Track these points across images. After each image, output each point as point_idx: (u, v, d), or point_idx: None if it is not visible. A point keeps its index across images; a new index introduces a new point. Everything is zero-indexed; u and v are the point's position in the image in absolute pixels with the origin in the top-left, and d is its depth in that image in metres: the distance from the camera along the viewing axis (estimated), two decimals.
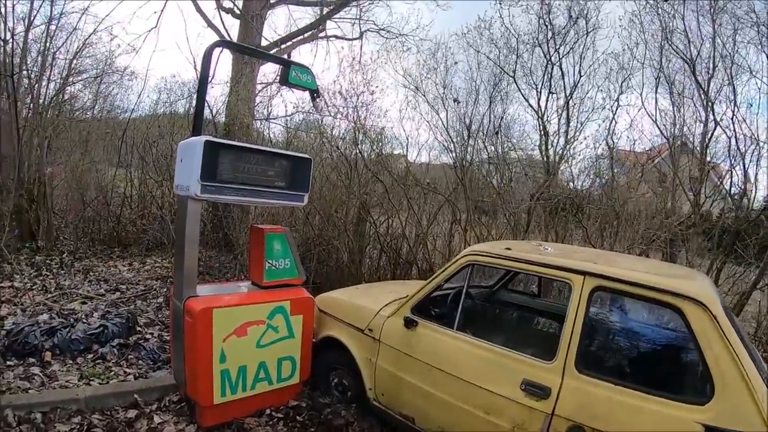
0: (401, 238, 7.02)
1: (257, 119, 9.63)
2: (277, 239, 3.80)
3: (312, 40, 11.59)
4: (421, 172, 8.11)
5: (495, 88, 7.08)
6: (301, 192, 3.76)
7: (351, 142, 7.16)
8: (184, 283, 3.42)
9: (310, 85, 3.81)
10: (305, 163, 3.76)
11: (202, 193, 3.20)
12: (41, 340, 4.58)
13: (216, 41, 3.51)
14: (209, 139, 3.16)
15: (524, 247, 3.52)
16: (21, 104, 8.02)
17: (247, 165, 3.42)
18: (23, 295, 6.10)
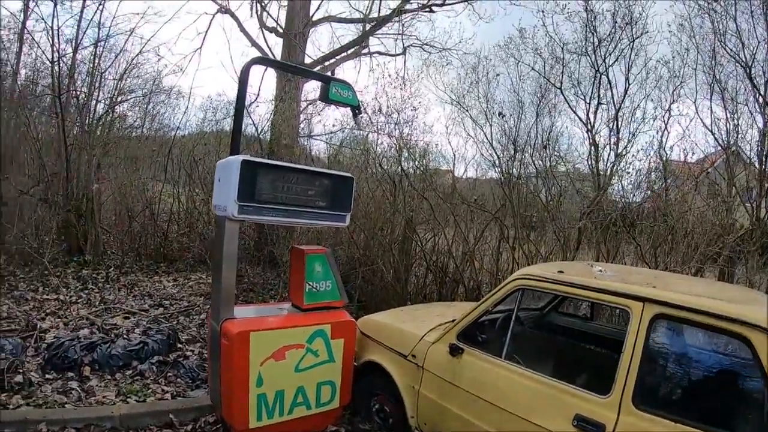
0: (447, 256, 6.86)
1: (302, 137, 9.68)
2: (318, 261, 3.72)
3: (355, 56, 11.64)
4: (468, 188, 7.95)
5: (542, 100, 6.87)
6: (343, 212, 3.67)
7: (395, 159, 7.08)
8: (221, 304, 3.38)
9: (351, 101, 3.74)
10: (347, 182, 3.67)
11: (240, 213, 3.15)
12: (81, 355, 4.63)
13: (253, 58, 3.48)
14: (246, 159, 3.12)
15: (577, 269, 3.32)
16: (71, 123, 8.28)
17: (286, 184, 3.35)
18: (68, 308, 6.23)
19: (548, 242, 6.64)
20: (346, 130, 8.82)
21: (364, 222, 7.18)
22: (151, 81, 11.53)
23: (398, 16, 10.71)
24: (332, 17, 11.16)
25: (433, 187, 6.97)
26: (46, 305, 6.26)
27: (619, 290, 2.72)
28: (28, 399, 4.03)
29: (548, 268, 3.24)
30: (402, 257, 6.93)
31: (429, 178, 7.11)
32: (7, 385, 4.12)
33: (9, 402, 3.95)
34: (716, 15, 6.26)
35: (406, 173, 6.92)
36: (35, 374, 4.42)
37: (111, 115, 10.09)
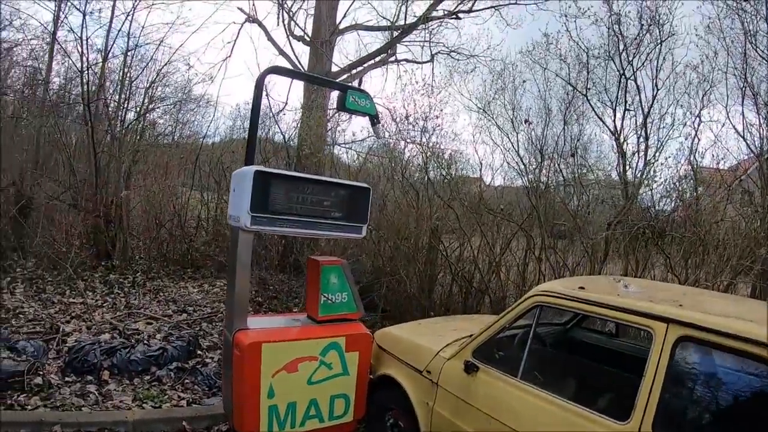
0: (473, 266, 6.77)
1: (329, 145, 9.69)
2: (334, 272, 3.68)
3: (383, 64, 11.63)
4: (495, 196, 7.83)
5: (569, 107, 6.72)
6: (359, 223, 3.62)
7: (420, 167, 7.03)
8: (235, 315, 3.36)
9: (368, 111, 3.69)
10: (364, 192, 3.63)
11: (252, 224, 3.13)
12: (100, 359, 4.70)
13: (268, 68, 3.47)
14: (259, 170, 3.10)
15: (601, 285, 3.20)
16: (101, 130, 8.45)
17: (301, 195, 3.32)
18: (93, 312, 6.34)
19: (576, 253, 6.50)
20: (373, 138, 8.77)
21: (390, 230, 7.13)
22: (181, 89, 11.73)
23: (424, 24, 10.66)
24: (359, 25, 11.19)
25: (459, 196, 6.86)
26: (71, 308, 6.38)
27: (641, 310, 2.59)
28: (46, 401, 4.11)
29: (569, 284, 3.12)
30: (427, 267, 6.86)
31: (455, 187, 7.00)
32: (26, 387, 4.22)
33: (27, 403, 4.04)
34: (746, 15, 6.02)
35: (432, 182, 6.84)
36: (55, 377, 4.51)
37: (141, 123, 10.28)
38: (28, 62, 10.12)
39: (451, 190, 6.97)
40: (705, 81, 6.01)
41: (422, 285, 6.66)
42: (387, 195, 7.87)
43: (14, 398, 4.08)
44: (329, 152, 9.62)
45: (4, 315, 5.89)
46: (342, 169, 9.59)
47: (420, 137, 7.00)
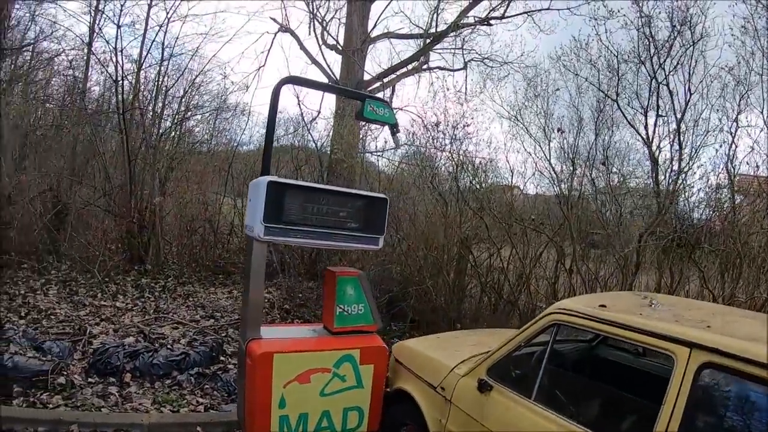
0: (503, 277, 6.66)
1: (362, 153, 9.68)
2: (351, 283, 3.64)
3: (415, 72, 11.58)
4: (527, 205, 7.69)
5: (600, 114, 6.52)
6: (376, 234, 3.58)
7: (452, 175, 6.95)
8: (248, 324, 3.36)
9: (387, 120, 3.65)
10: (381, 203, 3.59)
11: (266, 235, 3.13)
12: (123, 362, 4.80)
13: (283, 78, 3.47)
14: (273, 180, 3.10)
15: (625, 303, 3.06)
16: (136, 138, 8.66)
17: (316, 206, 3.31)
18: (122, 315, 6.46)
19: (608, 264, 6.32)
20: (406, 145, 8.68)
21: (419, 240, 7.06)
22: (217, 98, 11.93)
23: (455, 31, 10.57)
24: (391, 33, 11.18)
25: (490, 206, 6.75)
26: (101, 311, 6.52)
27: (662, 332, 2.45)
28: (68, 400, 4.22)
29: (590, 302, 2.99)
30: (456, 277, 6.76)
31: (486, 196, 6.89)
32: (50, 386, 4.34)
33: (49, 401, 4.15)
34: None
35: (461, 191, 6.75)
36: (78, 377, 4.62)
37: (178, 131, 10.49)
38: (69, 71, 10.42)
39: (481, 199, 6.84)
40: (741, 84, 5.70)
41: (451, 295, 6.56)
42: (417, 204, 7.79)
43: (37, 396, 4.20)
44: (360, 160, 9.58)
45: (36, 315, 6.06)
46: (373, 177, 9.55)
47: (451, 145, 6.91)
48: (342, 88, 5.56)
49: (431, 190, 7.11)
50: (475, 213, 6.71)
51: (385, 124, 3.74)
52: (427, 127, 7.14)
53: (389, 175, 9.46)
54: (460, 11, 10.61)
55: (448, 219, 6.77)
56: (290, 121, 11.22)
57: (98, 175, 8.87)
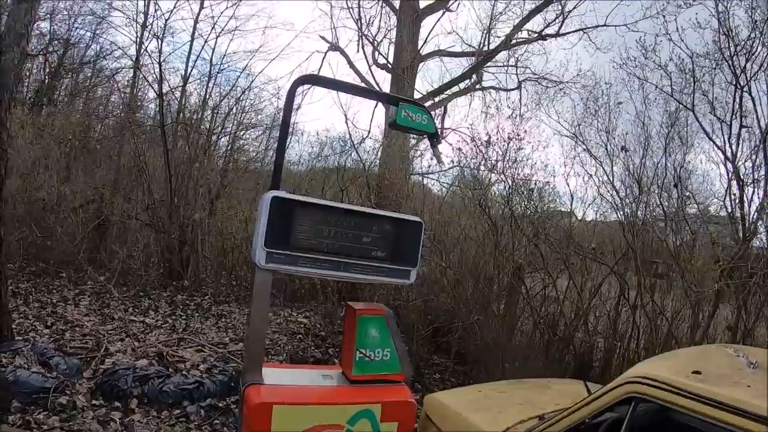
0: (558, 312, 5.81)
1: (413, 174, 8.92)
2: (374, 324, 2.85)
3: (468, 92, 10.82)
4: (586, 232, 6.72)
5: (671, 128, 5.53)
6: (407, 266, 2.77)
7: (504, 199, 6.11)
8: (247, 365, 2.63)
9: (426, 128, 2.87)
10: (414, 228, 2.78)
11: (267, 262, 2.42)
12: (131, 386, 4.27)
13: (299, 77, 2.76)
14: (278, 195, 2.39)
15: (717, 365, 2.22)
16: (180, 153, 8.25)
17: (333, 228, 2.57)
18: (149, 332, 5.96)
19: (676, 298, 5.38)
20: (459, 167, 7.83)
21: (466, 269, 6.28)
22: (268, 117, 11.55)
23: (507, 48, 9.80)
24: (441, 51, 10.54)
25: (546, 233, 5.89)
26: (129, 327, 6.00)
27: None
28: (65, 423, 3.76)
29: (677, 367, 2.18)
30: (507, 311, 5.89)
31: (542, 223, 6.04)
32: (50, 405, 3.87)
33: (45, 422, 3.70)
34: None
35: (515, 216, 5.89)
36: (82, 398, 4.13)
37: (229, 148, 10.11)
38: (126, 88, 10.24)
39: (537, 225, 5.98)
40: None
41: (500, 330, 5.68)
42: (468, 230, 6.91)
43: (33, 415, 3.75)
44: (408, 181, 8.77)
45: (62, 326, 5.64)
46: (422, 200, 8.74)
47: (503, 164, 6.07)
48: (368, 88, 4.73)
49: (481, 214, 6.25)
50: (530, 240, 5.83)
51: (423, 134, 2.95)
52: (478, 146, 6.32)
53: (440, 198, 8.65)
54: (513, 26, 9.82)
55: (500, 246, 5.90)
56: (338, 139, 10.71)
57: (142, 189, 8.48)
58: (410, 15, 9.73)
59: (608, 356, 5.53)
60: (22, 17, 4.18)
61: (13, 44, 4.14)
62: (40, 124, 8.47)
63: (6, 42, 4.16)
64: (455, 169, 7.98)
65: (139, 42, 8.48)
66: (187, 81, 8.13)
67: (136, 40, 8.56)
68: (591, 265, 5.89)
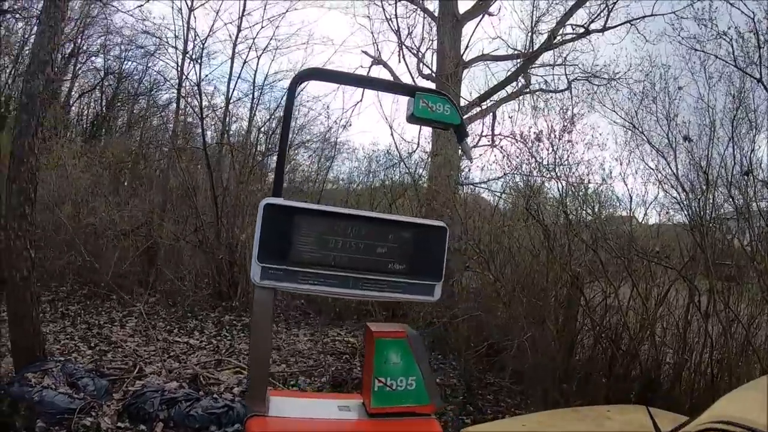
0: (621, 323, 5.14)
1: (462, 184, 8.39)
2: (395, 348, 2.38)
3: (516, 96, 10.23)
4: (648, 236, 5.98)
5: (738, 109, 4.81)
6: (431, 280, 2.29)
7: (558, 203, 5.55)
8: (250, 393, 2.21)
9: (448, 119, 2.40)
10: (437, 234, 2.31)
11: (263, 279, 2.02)
12: (157, 409, 4.02)
13: (301, 71, 2.38)
14: (271, 202, 2.00)
15: None
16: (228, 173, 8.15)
17: (341, 239, 2.15)
18: (192, 353, 5.78)
19: (752, 303, 4.69)
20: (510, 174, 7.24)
21: (518, 282, 5.76)
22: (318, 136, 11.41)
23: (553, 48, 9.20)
24: (486, 56, 10.03)
25: (605, 237, 5.27)
26: (172, 347, 5.85)
27: None
28: None
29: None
30: (565, 325, 5.28)
31: (601, 227, 5.43)
32: (73, 427, 3.73)
33: None
34: None
35: (571, 221, 5.32)
36: (108, 420, 3.95)
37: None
38: (181, 117, 10.34)
39: (594, 231, 5.40)
40: None
41: (558, 347, 5.08)
42: (521, 239, 6.29)
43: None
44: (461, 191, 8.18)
45: (105, 347, 5.57)
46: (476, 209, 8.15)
47: (556, 166, 5.51)
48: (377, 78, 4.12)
49: (533, 220, 5.67)
50: (588, 246, 5.23)
51: (447, 126, 2.49)
52: (528, 146, 5.77)
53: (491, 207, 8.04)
54: (556, 22, 9.24)
55: (554, 254, 5.31)
56: (385, 153, 10.38)
57: (191, 211, 8.43)
58: (450, 21, 9.38)
59: (677, 371, 4.84)
60: (45, 45, 4.13)
61: (38, 71, 4.10)
62: (93, 153, 8.62)
63: (31, 70, 4.19)
64: (505, 178, 7.39)
65: (181, 68, 8.52)
66: (230, 102, 8.06)
67: (177, 66, 8.62)
68: (656, 270, 5.21)
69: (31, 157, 4.08)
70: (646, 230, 6.13)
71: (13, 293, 4.16)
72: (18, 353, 4.25)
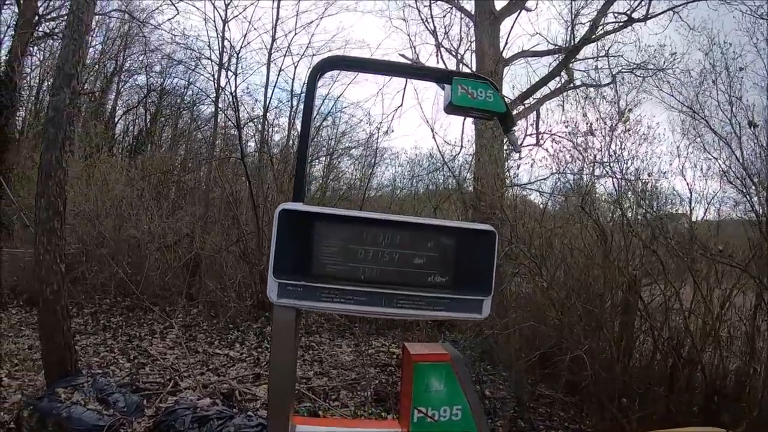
0: (684, 328, 4.51)
1: (512, 185, 7.85)
2: (437, 373, 2.01)
3: (560, 92, 9.66)
4: (709, 234, 5.32)
5: None
6: (479, 294, 1.89)
7: (614, 201, 5.03)
8: (271, 424, 1.89)
9: (492, 107, 2.00)
10: (484, 240, 1.91)
11: (281, 297, 1.69)
12: (188, 428, 3.71)
13: (323, 59, 2.01)
14: (288, 208, 1.67)
15: None
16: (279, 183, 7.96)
17: (371, 248, 1.79)
18: (231, 366, 5.50)
19: None
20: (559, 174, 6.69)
21: (571, 287, 5.21)
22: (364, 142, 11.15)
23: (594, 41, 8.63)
24: (526, 52, 9.48)
25: (665, 235, 4.68)
26: (212, 360, 5.60)
27: None
28: None
29: None
30: (621, 332, 4.71)
31: (661, 225, 4.84)
32: None
33: None
34: None
35: (629, 220, 4.80)
36: None
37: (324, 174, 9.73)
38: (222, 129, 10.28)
39: (654, 227, 4.82)
40: None
41: (615, 355, 4.52)
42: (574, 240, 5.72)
43: None
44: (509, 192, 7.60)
45: (143, 360, 5.37)
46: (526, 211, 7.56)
47: (611, 165, 5.00)
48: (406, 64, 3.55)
49: (586, 219, 5.13)
50: (646, 245, 4.68)
51: (490, 115, 2.09)
52: (579, 140, 5.28)
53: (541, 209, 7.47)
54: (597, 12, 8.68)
55: (611, 256, 4.77)
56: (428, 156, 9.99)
57: (232, 222, 8.27)
58: (487, 18, 8.91)
59: (744, 380, 4.21)
60: (70, 58, 3.98)
61: (63, 85, 3.95)
62: (136, 167, 8.61)
63: (56, 84, 4.03)
64: (554, 177, 6.83)
65: (217, 80, 8.42)
66: (267, 111, 7.90)
67: (214, 79, 8.52)
68: (719, 270, 4.49)
69: (59, 171, 3.92)
70: (706, 227, 5.49)
71: (44, 308, 4.00)
72: (49, 367, 4.08)
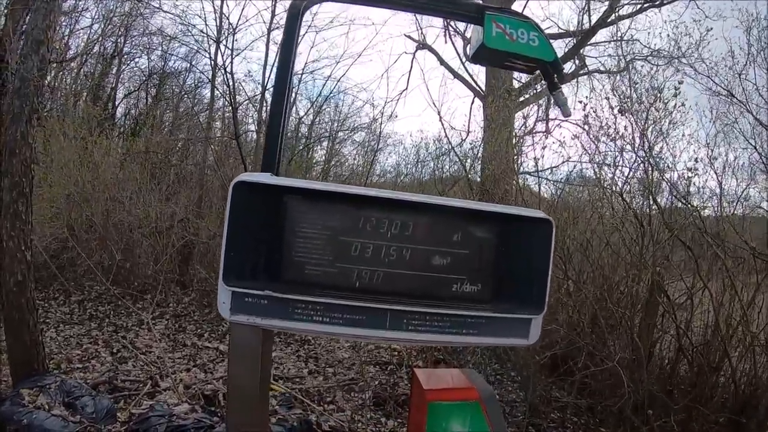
0: (708, 331, 3.97)
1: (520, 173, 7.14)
2: (460, 417, 1.40)
3: (572, 78, 9.03)
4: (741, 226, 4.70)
5: None
6: (526, 311, 1.26)
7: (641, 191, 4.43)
8: None
9: (538, 54, 1.38)
10: (537, 232, 1.27)
11: (235, 312, 1.07)
12: None
13: None
14: (246, 180, 1.03)
15: None
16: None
17: (372, 242, 1.15)
18: (221, 361, 4.91)
19: None
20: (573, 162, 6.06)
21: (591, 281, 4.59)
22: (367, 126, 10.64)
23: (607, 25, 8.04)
24: None
25: (698, 225, 4.07)
26: (200, 354, 5.03)
27: None
28: None
29: None
30: (642, 332, 4.11)
31: (691, 217, 4.24)
32: None
33: None
34: None
35: (661, 209, 4.22)
36: None
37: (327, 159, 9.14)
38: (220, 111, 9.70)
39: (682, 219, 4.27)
40: None
41: (634, 356, 3.95)
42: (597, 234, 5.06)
43: None
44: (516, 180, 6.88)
45: (127, 354, 4.81)
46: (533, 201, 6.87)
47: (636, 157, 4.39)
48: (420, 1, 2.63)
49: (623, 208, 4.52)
50: (674, 235, 4.10)
51: (534, 65, 1.46)
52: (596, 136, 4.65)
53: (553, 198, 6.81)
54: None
55: (642, 251, 4.16)
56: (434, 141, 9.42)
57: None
58: (496, 3, 8.22)
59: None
60: (40, 22, 3.42)
61: (31, 52, 3.39)
62: (128, 149, 8.05)
63: (24, 51, 3.46)
64: (567, 166, 6.19)
65: (214, 59, 7.84)
66: (266, 90, 7.27)
67: (210, 56, 7.95)
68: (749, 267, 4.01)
69: (24, 148, 3.35)
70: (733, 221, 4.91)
71: (7, 299, 3.45)
72: (15, 366, 3.54)
